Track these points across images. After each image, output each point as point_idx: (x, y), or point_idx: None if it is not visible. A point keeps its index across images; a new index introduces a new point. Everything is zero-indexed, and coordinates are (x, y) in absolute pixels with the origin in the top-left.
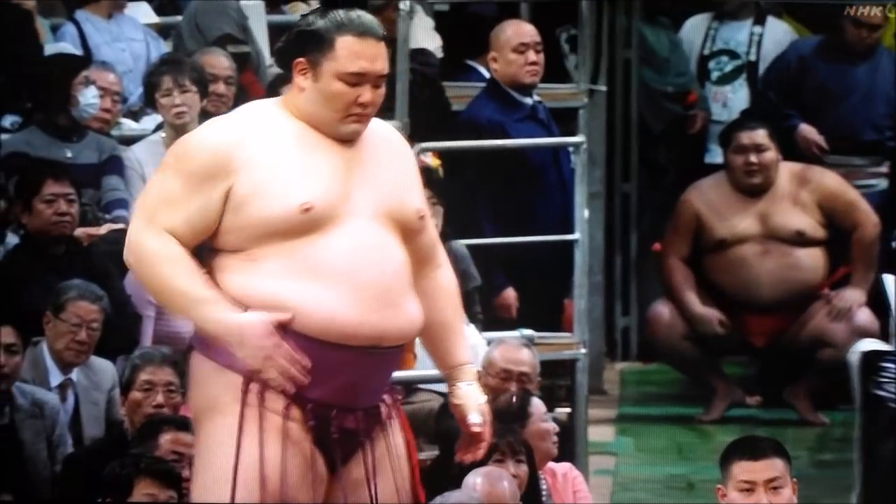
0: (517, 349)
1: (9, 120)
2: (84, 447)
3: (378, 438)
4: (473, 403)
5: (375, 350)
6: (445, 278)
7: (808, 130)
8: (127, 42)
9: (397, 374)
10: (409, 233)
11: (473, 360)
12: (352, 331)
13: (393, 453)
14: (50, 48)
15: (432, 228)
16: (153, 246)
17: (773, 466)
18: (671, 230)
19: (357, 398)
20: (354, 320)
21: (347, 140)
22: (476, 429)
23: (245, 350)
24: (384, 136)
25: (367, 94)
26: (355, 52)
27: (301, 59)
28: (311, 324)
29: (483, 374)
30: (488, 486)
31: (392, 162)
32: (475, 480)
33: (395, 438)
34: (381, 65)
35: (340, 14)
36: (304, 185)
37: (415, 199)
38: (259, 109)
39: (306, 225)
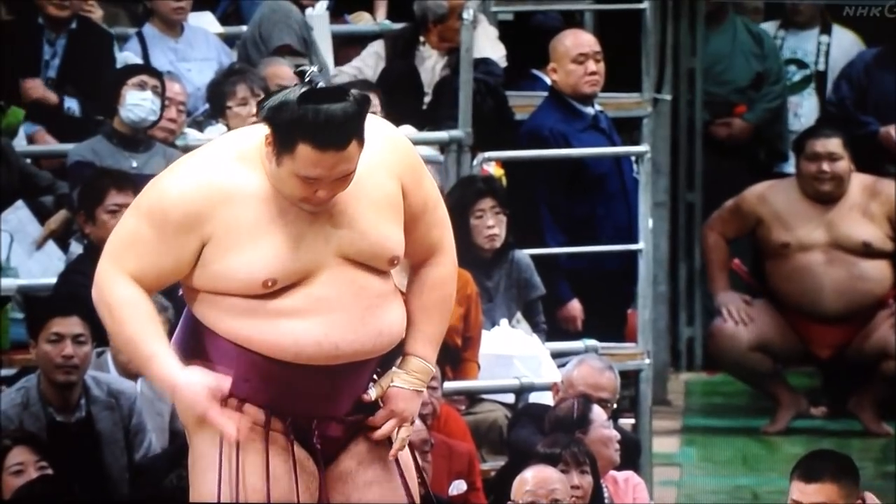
0: (599, 373)
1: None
2: (153, 456)
3: (363, 434)
4: (382, 382)
5: (352, 364)
6: (428, 275)
7: (892, 130)
8: (195, 62)
9: (460, 385)
10: (387, 269)
11: (535, 369)
12: (323, 354)
13: (382, 443)
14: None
15: (435, 225)
16: (115, 290)
17: (823, 492)
18: (725, 210)
19: (335, 408)
20: (325, 351)
21: None
22: (365, 398)
23: (182, 407)
24: (373, 163)
25: (322, 192)
26: (313, 161)
27: (269, 134)
28: (281, 352)
29: (563, 390)
30: (539, 475)
31: (372, 196)
32: (525, 477)
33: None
34: (341, 169)
35: (307, 117)
36: (267, 261)
37: (390, 241)
38: (234, 155)
39: (270, 289)
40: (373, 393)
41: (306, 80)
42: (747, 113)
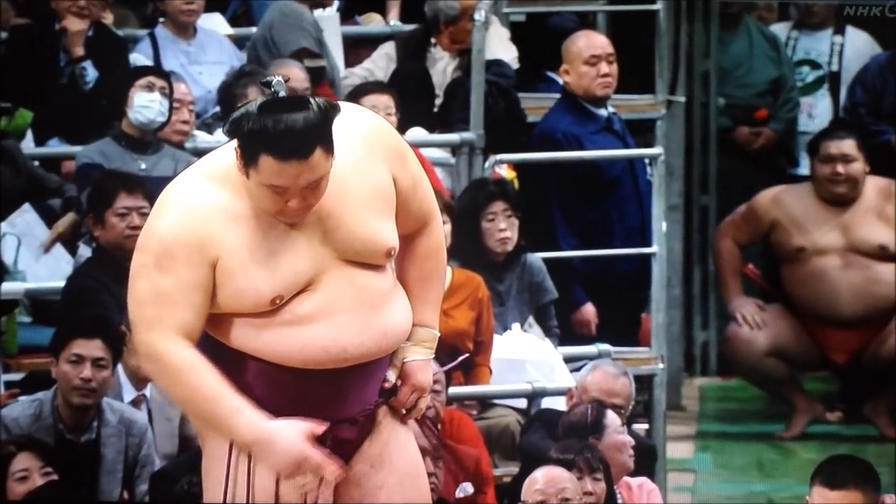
0: (614, 379)
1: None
2: (173, 462)
3: (377, 433)
4: (395, 361)
5: (362, 364)
6: (422, 245)
7: None
8: (207, 66)
9: (472, 389)
10: (384, 262)
11: (547, 374)
12: (332, 358)
13: (395, 443)
14: None
15: (424, 198)
16: (172, 357)
17: (848, 499)
18: (738, 216)
19: (346, 409)
20: (331, 347)
21: None
22: (385, 384)
23: (276, 457)
24: (356, 155)
25: (294, 202)
26: (276, 172)
27: (237, 148)
28: (289, 358)
29: (577, 396)
30: (549, 475)
31: (360, 194)
32: (535, 476)
33: (397, 430)
34: (307, 178)
35: (268, 129)
36: (271, 279)
37: (383, 235)
38: (218, 178)
39: (278, 304)
40: (391, 376)
41: (271, 90)
42: (772, 122)
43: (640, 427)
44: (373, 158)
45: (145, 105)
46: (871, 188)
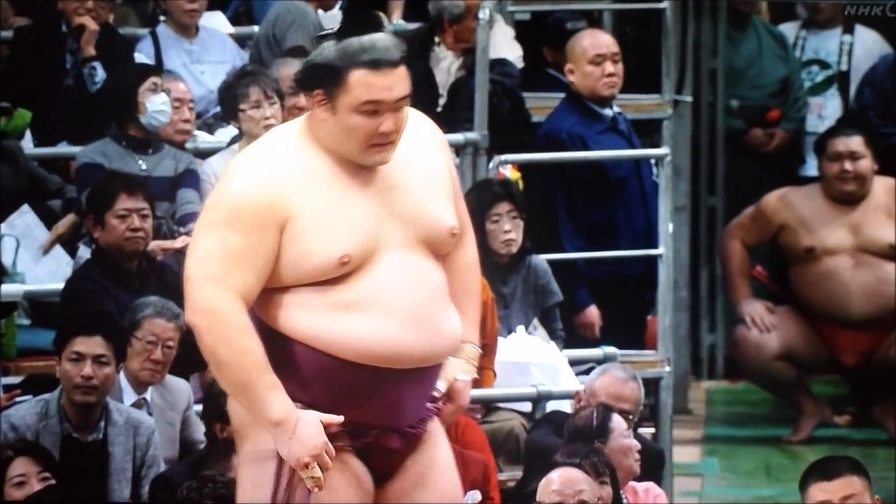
0: (622, 383)
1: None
2: (174, 467)
3: (421, 452)
4: (447, 374)
5: (416, 371)
6: (461, 258)
7: None
8: (210, 65)
9: (476, 393)
10: (443, 249)
11: (552, 377)
12: (393, 356)
13: (438, 466)
14: None
15: (462, 207)
16: (232, 317)
17: (849, 484)
18: (745, 217)
19: (398, 418)
20: (394, 346)
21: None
22: (435, 393)
23: (296, 442)
24: (415, 139)
25: (387, 122)
26: (369, 84)
27: (318, 92)
28: (352, 351)
29: (585, 400)
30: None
31: (425, 175)
32: (551, 477)
33: (441, 450)
34: (399, 91)
35: (353, 44)
36: (341, 237)
37: (447, 216)
38: (289, 143)
39: (344, 270)
40: (442, 386)
41: (331, 32)
42: (784, 122)
43: (647, 431)
44: (435, 147)
45: (158, 109)
46: (881, 187)
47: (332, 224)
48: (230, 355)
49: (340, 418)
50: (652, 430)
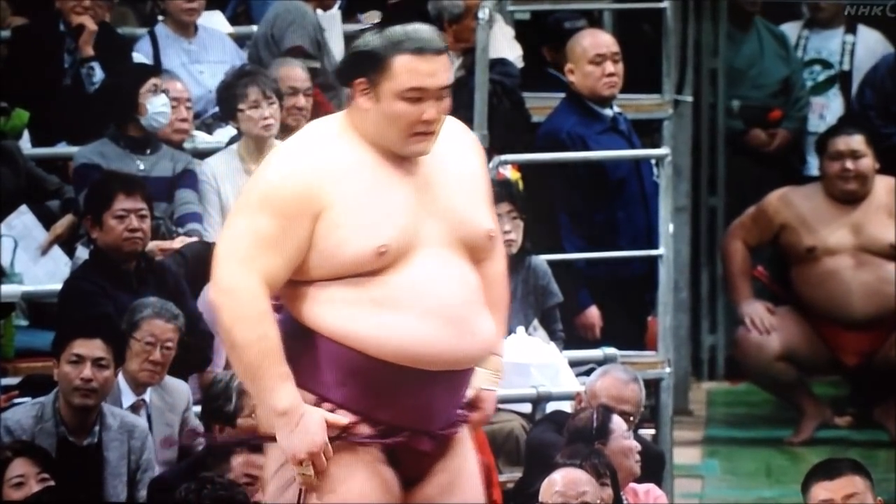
0: (623, 384)
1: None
2: (172, 468)
3: (450, 459)
4: (476, 382)
5: (448, 373)
6: (490, 269)
7: None
8: (209, 65)
9: None
10: (479, 252)
11: (552, 378)
12: (426, 357)
13: (465, 475)
14: None
15: (495, 222)
16: (254, 300)
17: (852, 483)
18: (747, 218)
19: (430, 420)
20: (428, 347)
21: (418, 160)
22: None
23: (297, 437)
24: (453, 142)
25: (430, 110)
26: (413, 70)
27: (361, 80)
28: (385, 350)
29: (586, 401)
30: (567, 477)
31: (463, 177)
32: (553, 478)
33: (469, 459)
34: (442, 78)
35: (397, 31)
36: (379, 227)
37: (484, 218)
38: (330, 134)
39: (380, 263)
40: (469, 393)
41: (375, 23)
42: (786, 122)
43: (647, 432)
44: (471, 151)
45: (159, 111)
46: (882, 186)
47: (370, 215)
48: (245, 338)
49: (345, 420)
50: (652, 431)
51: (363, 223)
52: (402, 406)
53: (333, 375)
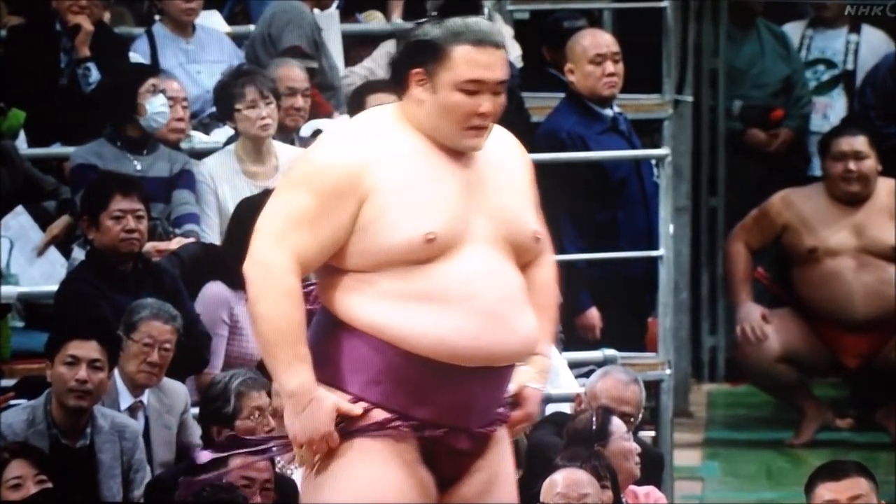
0: (624, 386)
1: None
2: (170, 470)
3: (488, 459)
4: (517, 379)
5: (488, 370)
6: (539, 273)
7: None
8: (206, 65)
9: None
10: (524, 254)
11: (552, 380)
12: (464, 352)
13: (502, 476)
14: None
15: (542, 227)
16: (284, 277)
17: (857, 485)
18: (749, 220)
19: (468, 418)
20: (467, 342)
21: (469, 156)
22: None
23: (301, 420)
24: (503, 147)
25: (486, 103)
26: (472, 61)
27: (418, 70)
28: (423, 344)
29: (586, 402)
30: (569, 478)
31: (511, 180)
32: (555, 478)
33: (506, 461)
34: (500, 72)
35: (457, 22)
36: (429, 215)
37: (531, 220)
38: (383, 122)
39: (428, 253)
40: (512, 389)
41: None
42: (787, 120)
43: (647, 434)
44: (520, 157)
45: (158, 111)
46: (884, 188)
47: (419, 202)
48: (267, 313)
49: (359, 409)
50: (652, 433)
51: (413, 209)
52: (440, 403)
53: (369, 373)
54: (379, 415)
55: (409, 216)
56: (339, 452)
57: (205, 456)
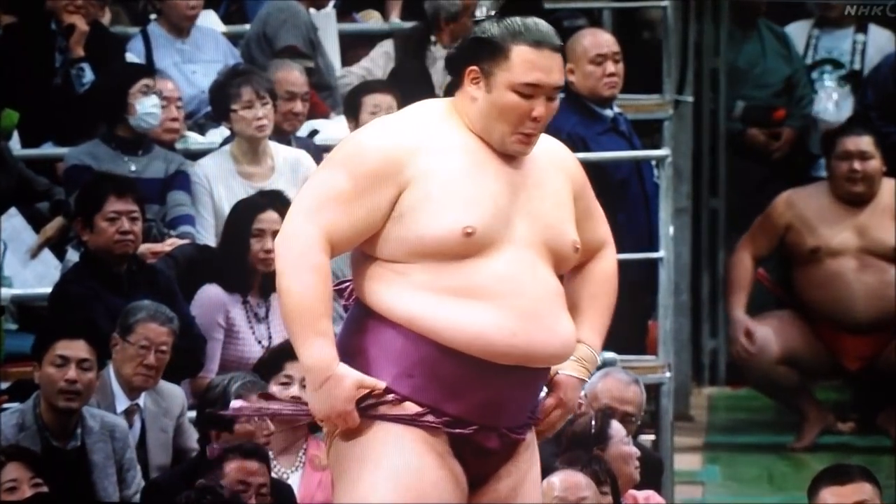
0: (625, 386)
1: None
2: (166, 473)
3: (516, 463)
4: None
5: (522, 370)
6: (598, 265)
7: None
8: (202, 65)
9: None
10: (562, 262)
11: None
12: (500, 349)
13: (530, 482)
14: None
15: (598, 227)
16: (310, 252)
17: (862, 490)
18: (756, 225)
19: (499, 417)
20: (504, 338)
21: (517, 159)
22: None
23: (319, 396)
24: (550, 156)
25: (540, 107)
26: (531, 63)
27: (474, 68)
28: (459, 338)
29: (585, 404)
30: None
31: (555, 187)
32: (552, 481)
33: (535, 466)
34: (557, 77)
35: (517, 22)
36: (469, 208)
37: (571, 230)
38: (433, 114)
39: (465, 248)
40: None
41: (492, 14)
42: (789, 120)
43: (647, 438)
44: (565, 174)
45: (149, 112)
46: (888, 189)
47: (460, 194)
48: (291, 286)
49: (382, 384)
50: (652, 436)
51: (454, 201)
52: (472, 400)
53: (402, 365)
54: (412, 407)
55: (450, 208)
56: (372, 436)
57: (237, 405)
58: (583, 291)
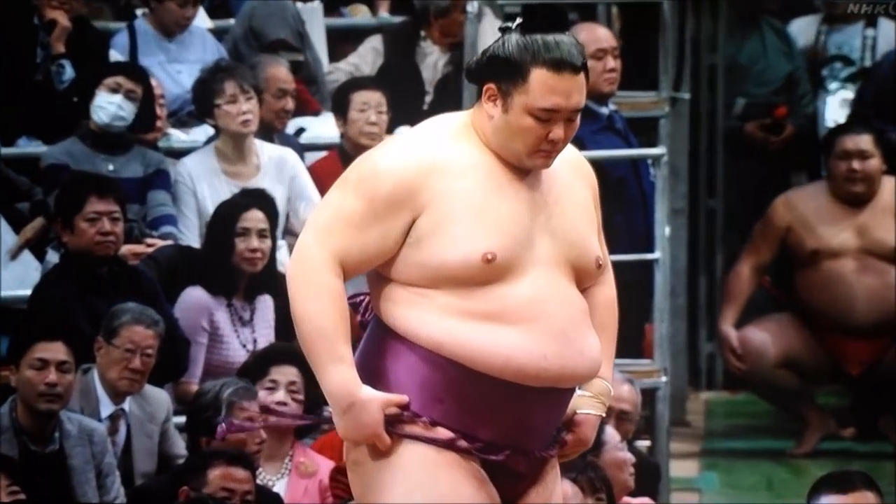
0: (619, 384)
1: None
2: (152, 480)
3: (543, 485)
4: (573, 404)
5: (551, 391)
6: (600, 293)
7: None
8: (188, 65)
9: None
10: (585, 278)
11: None
12: (532, 372)
13: (556, 495)
14: None
15: (604, 247)
16: (324, 275)
17: (864, 498)
18: (757, 233)
19: (530, 440)
20: (534, 361)
21: (535, 173)
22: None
23: (346, 421)
24: (571, 167)
25: (558, 130)
26: (549, 87)
27: (491, 86)
28: (490, 363)
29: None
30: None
31: (577, 201)
32: None
33: (559, 487)
34: (577, 100)
35: (538, 41)
36: (489, 233)
37: (594, 245)
38: (449, 131)
39: (486, 273)
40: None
41: (514, 26)
42: (791, 117)
43: (643, 444)
44: (585, 183)
45: (102, 106)
46: (888, 188)
47: (480, 219)
48: (304, 311)
49: (405, 398)
50: (648, 442)
51: (473, 226)
52: (502, 424)
53: (431, 390)
54: (444, 433)
55: (469, 233)
56: (407, 462)
57: (235, 423)
58: (592, 321)
